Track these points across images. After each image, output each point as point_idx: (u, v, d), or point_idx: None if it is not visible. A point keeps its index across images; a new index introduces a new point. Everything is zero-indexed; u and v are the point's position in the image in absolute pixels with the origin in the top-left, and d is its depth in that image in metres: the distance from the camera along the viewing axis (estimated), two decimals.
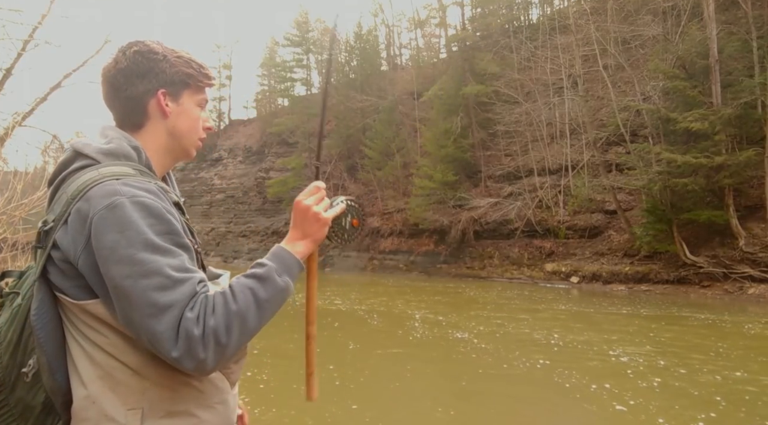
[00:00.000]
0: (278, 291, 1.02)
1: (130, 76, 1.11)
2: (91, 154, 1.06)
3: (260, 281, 1.01)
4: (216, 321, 0.92)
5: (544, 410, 5.82)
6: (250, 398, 5.78)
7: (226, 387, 1.10)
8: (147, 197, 0.97)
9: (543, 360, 7.76)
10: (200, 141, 1.23)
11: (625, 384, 6.51)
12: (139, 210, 0.95)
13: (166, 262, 0.93)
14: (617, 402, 5.84)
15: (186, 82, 1.16)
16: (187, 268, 0.96)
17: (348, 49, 36.30)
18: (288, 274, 1.06)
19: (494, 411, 5.77)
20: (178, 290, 0.92)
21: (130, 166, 1.06)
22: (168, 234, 0.97)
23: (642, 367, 7.35)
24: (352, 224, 1.26)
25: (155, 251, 0.93)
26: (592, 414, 5.60)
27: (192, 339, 0.90)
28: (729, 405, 5.70)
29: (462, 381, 7.02)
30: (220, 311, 0.93)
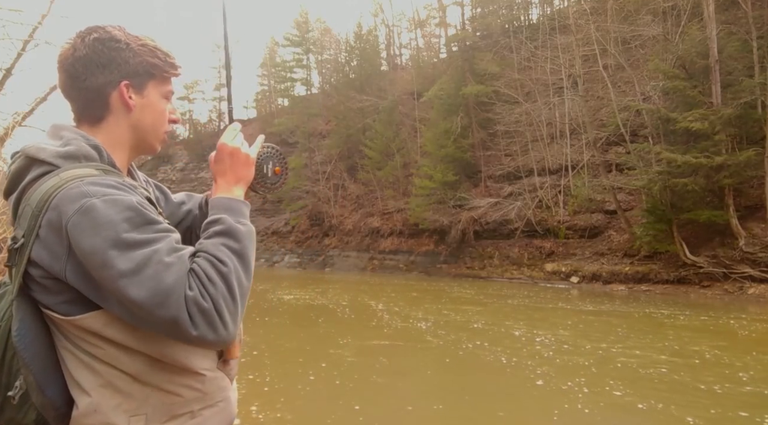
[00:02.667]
0: (244, 235, 1.01)
1: (89, 65, 1.03)
2: (48, 159, 0.99)
3: (228, 235, 0.99)
4: (218, 287, 0.91)
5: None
6: (259, 402, 5.76)
7: (228, 384, 1.09)
8: (116, 194, 0.93)
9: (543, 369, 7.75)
10: (165, 134, 1.16)
11: (643, 391, 6.52)
12: (112, 207, 0.91)
13: (152, 250, 0.90)
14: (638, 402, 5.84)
15: (151, 72, 1.08)
16: (174, 248, 0.94)
17: (348, 49, 36.33)
18: (242, 216, 1.04)
19: (491, 407, 5.77)
20: (173, 272, 0.89)
21: (93, 166, 1.00)
22: (147, 224, 0.93)
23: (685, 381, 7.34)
24: (275, 171, 1.18)
25: (139, 245, 0.90)
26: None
27: (205, 312, 0.89)
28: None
29: (462, 377, 7.09)
30: (215, 277, 0.92)
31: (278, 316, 12.54)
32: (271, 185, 1.19)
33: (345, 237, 29.57)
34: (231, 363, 1.11)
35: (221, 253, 0.96)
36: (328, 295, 16.44)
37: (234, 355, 1.11)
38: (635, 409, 5.45)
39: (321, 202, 31.85)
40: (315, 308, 13.86)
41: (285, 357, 8.29)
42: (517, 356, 7.96)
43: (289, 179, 1.22)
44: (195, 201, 1.34)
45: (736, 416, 5.24)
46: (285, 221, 33.71)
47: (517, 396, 6.23)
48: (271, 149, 1.19)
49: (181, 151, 46.69)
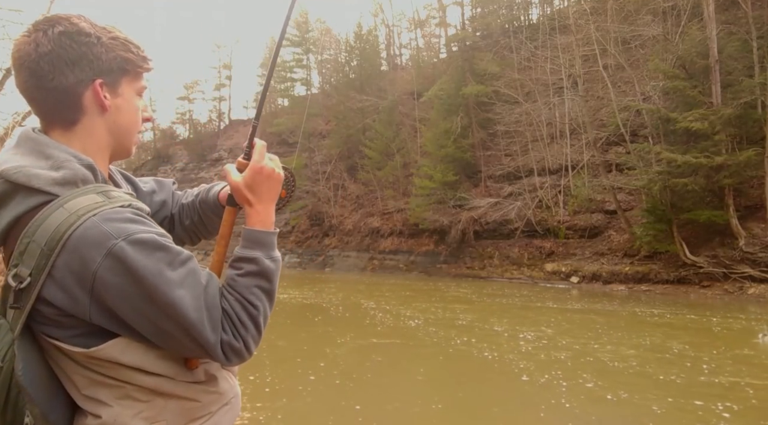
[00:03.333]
0: (274, 273, 1.03)
1: (57, 62, 0.93)
2: (44, 188, 0.90)
3: (259, 276, 1.00)
4: (249, 331, 0.96)
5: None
6: (261, 403, 5.76)
7: (234, 382, 1.12)
8: (140, 232, 0.89)
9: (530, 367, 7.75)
10: (139, 133, 1.08)
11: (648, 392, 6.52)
12: (141, 250, 0.87)
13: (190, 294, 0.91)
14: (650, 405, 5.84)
15: (125, 68, 0.99)
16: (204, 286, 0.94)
17: (348, 49, 36.33)
18: (272, 249, 1.04)
19: (489, 406, 5.78)
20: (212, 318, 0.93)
21: (93, 190, 0.92)
22: (175, 259, 0.91)
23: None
24: (280, 195, 1.14)
25: (178, 286, 0.90)
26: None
27: (236, 351, 0.95)
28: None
29: (454, 374, 7.22)
30: (247, 321, 0.96)
31: (274, 315, 12.50)
32: (279, 207, 1.17)
33: (345, 237, 29.57)
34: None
35: (253, 296, 0.98)
36: (322, 294, 16.55)
37: None
38: (605, 399, 5.87)
39: (321, 202, 31.85)
40: (310, 307, 13.97)
41: (283, 356, 8.29)
42: (500, 351, 8.31)
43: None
44: (168, 190, 1.30)
45: (691, 404, 5.64)
46: (285, 221, 33.72)
47: (507, 391, 6.45)
48: (287, 173, 1.15)
49: (181, 151, 46.74)
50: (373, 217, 29.08)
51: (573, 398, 5.91)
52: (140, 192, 1.22)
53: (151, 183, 1.29)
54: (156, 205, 1.25)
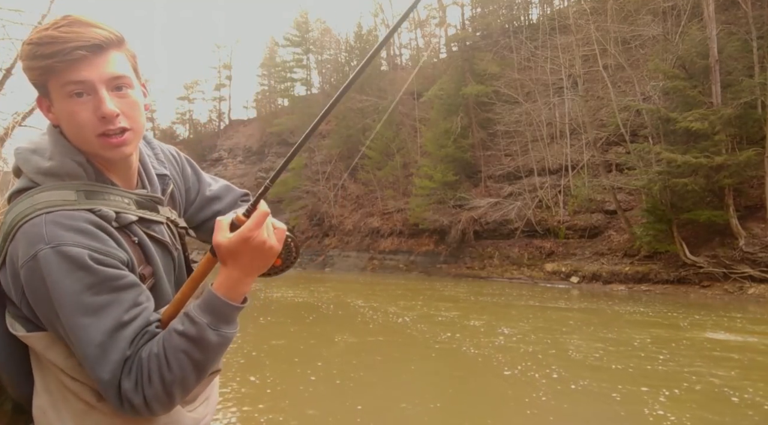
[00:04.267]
0: (214, 348, 0.90)
1: None
2: (29, 174, 0.93)
3: (194, 343, 0.88)
4: (154, 390, 0.87)
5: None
6: (264, 404, 5.77)
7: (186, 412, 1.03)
8: (72, 245, 0.86)
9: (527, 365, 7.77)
10: (106, 137, 0.93)
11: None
12: (64, 264, 0.85)
13: (100, 325, 0.86)
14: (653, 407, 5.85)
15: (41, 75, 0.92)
16: (123, 322, 0.88)
17: (348, 49, 36.34)
18: (225, 324, 0.91)
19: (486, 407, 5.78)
20: (110, 359, 0.86)
21: (74, 187, 0.93)
22: (101, 283, 0.87)
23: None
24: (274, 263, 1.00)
25: (85, 313, 0.86)
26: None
27: (135, 407, 0.88)
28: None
29: (445, 371, 7.47)
30: (156, 380, 0.87)
31: (270, 314, 12.60)
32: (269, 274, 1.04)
33: (345, 237, 29.58)
34: None
35: (176, 360, 0.88)
36: (316, 294, 16.60)
37: None
38: (569, 389, 6.34)
39: (321, 202, 31.86)
40: (303, 306, 14.10)
41: (282, 356, 8.30)
42: (481, 346, 8.72)
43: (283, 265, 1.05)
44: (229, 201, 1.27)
45: (638, 390, 6.23)
46: (285, 221, 33.55)
47: (494, 387, 6.71)
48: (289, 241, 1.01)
49: (181, 151, 46.69)
50: (373, 217, 29.09)
51: (547, 390, 6.27)
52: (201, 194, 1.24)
53: (219, 188, 1.28)
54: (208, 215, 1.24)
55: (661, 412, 5.42)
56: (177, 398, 0.91)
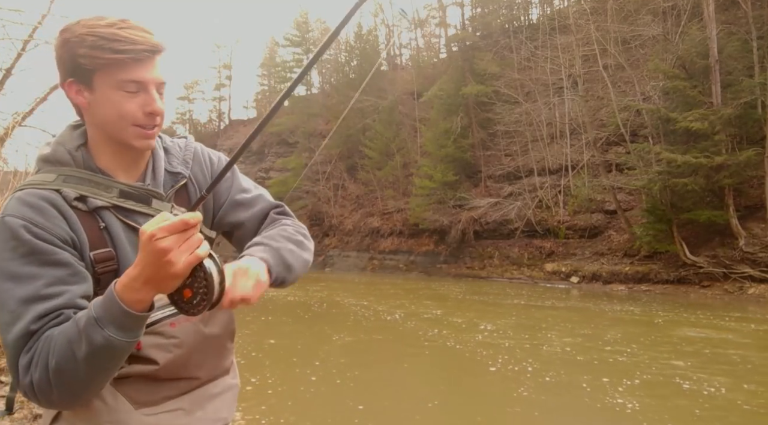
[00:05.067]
0: (96, 349, 0.83)
1: (57, 66, 1.02)
2: (36, 162, 1.06)
3: (79, 333, 0.84)
4: (39, 375, 0.85)
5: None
6: (266, 406, 5.76)
7: (122, 406, 0.99)
8: (13, 216, 0.92)
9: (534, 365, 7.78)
10: (142, 128, 1.02)
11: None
12: (2, 232, 0.92)
13: (17, 292, 0.88)
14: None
15: (93, 64, 0.97)
16: (40, 295, 0.88)
17: (348, 49, 36.33)
18: (114, 326, 0.83)
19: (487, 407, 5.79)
20: (16, 329, 0.87)
21: (58, 172, 1.01)
22: (29, 255, 0.90)
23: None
24: (183, 293, 0.86)
25: (7, 278, 0.89)
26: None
27: (23, 385, 0.87)
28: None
29: (437, 368, 7.68)
30: (42, 363, 0.85)
31: (268, 314, 12.67)
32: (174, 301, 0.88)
33: (345, 237, 29.58)
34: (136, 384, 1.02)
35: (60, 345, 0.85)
36: (313, 293, 16.70)
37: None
38: (544, 381, 6.71)
39: (321, 202, 31.86)
40: (299, 305, 14.23)
41: (280, 356, 8.30)
42: (465, 343, 9.04)
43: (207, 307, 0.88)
44: (256, 211, 1.26)
45: (599, 381, 6.63)
46: None
47: (481, 382, 6.95)
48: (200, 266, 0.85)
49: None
50: (373, 217, 29.10)
51: (529, 384, 6.58)
52: (230, 199, 1.23)
53: (251, 197, 1.27)
54: (230, 224, 1.24)
55: (620, 400, 5.85)
56: (58, 392, 0.85)
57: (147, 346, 1.01)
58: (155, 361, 1.02)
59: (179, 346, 1.06)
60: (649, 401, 5.81)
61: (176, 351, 1.05)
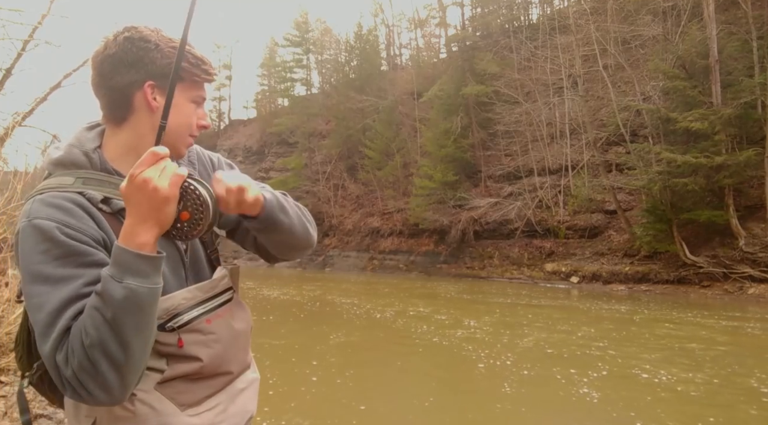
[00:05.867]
0: (121, 303, 0.86)
1: (117, 64, 1.01)
2: (45, 166, 1.05)
3: (101, 297, 0.86)
4: (78, 360, 0.85)
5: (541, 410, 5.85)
6: (269, 407, 5.76)
7: (168, 409, 1.01)
8: (45, 218, 0.91)
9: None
10: (191, 138, 1.11)
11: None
12: (32, 235, 0.91)
13: (55, 295, 0.89)
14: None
15: (179, 75, 1.01)
16: (78, 295, 0.89)
17: (348, 49, 36.33)
18: (131, 274, 0.87)
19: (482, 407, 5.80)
20: (55, 329, 0.87)
21: (75, 175, 1.00)
22: (66, 257, 0.91)
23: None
24: (180, 216, 0.93)
25: (44, 281, 0.89)
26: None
27: (68, 380, 0.86)
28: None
29: (428, 365, 7.87)
30: (77, 347, 0.86)
31: (265, 313, 12.72)
32: (175, 234, 0.95)
33: (345, 237, 29.57)
34: (179, 386, 1.03)
35: (89, 321, 0.86)
36: (303, 292, 16.90)
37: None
38: (521, 374, 7.12)
39: (321, 202, 31.86)
40: (294, 304, 14.42)
41: (280, 356, 8.30)
42: (450, 338, 9.43)
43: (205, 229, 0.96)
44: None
45: (568, 372, 7.08)
46: None
47: (470, 379, 7.20)
48: (191, 186, 0.94)
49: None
50: (373, 217, 29.09)
51: (513, 379, 6.89)
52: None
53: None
54: (234, 221, 1.24)
55: (585, 390, 6.29)
56: (104, 370, 0.85)
57: (189, 344, 1.03)
58: (199, 358, 1.04)
59: (217, 341, 1.08)
60: (609, 391, 6.26)
61: (216, 346, 1.07)
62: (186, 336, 1.02)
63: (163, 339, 0.99)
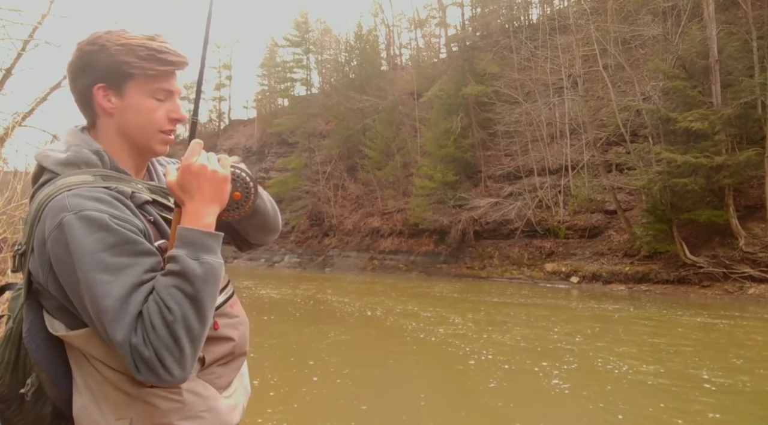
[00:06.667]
0: (202, 277, 0.92)
1: (74, 71, 1.06)
2: (50, 167, 1.03)
3: (179, 276, 0.91)
4: (159, 336, 0.88)
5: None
6: (271, 408, 5.75)
7: (212, 393, 1.05)
8: (93, 210, 0.92)
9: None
10: (166, 134, 1.10)
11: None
12: (86, 226, 0.91)
13: (120, 282, 0.90)
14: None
15: (127, 72, 1.04)
16: (142, 280, 0.92)
17: (348, 49, 36.33)
18: (204, 251, 0.95)
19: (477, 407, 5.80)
20: (125, 316, 0.89)
21: (91, 173, 1.01)
22: (122, 245, 0.92)
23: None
24: (233, 196, 1.04)
25: (105, 270, 0.90)
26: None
27: (146, 360, 0.88)
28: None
29: (422, 363, 8.05)
30: (159, 324, 0.88)
31: (264, 313, 12.76)
32: (230, 212, 1.06)
33: (345, 237, 29.57)
34: (216, 371, 1.08)
35: (170, 298, 0.90)
36: (297, 292, 16.92)
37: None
38: (502, 368, 7.46)
39: (321, 202, 31.86)
40: (288, 303, 14.52)
41: (278, 356, 8.31)
42: (437, 335, 9.73)
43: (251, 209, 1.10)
44: None
45: (538, 364, 7.44)
46: (285, 221, 33.71)
47: (460, 377, 7.35)
48: (235, 170, 1.05)
49: (181, 151, 45.77)
50: (373, 217, 29.09)
51: (498, 375, 7.14)
52: None
53: None
54: None
55: (556, 381, 6.67)
56: (185, 343, 0.89)
57: (222, 327, 1.10)
58: (232, 338, 1.12)
59: (242, 323, 1.17)
60: (578, 381, 6.68)
61: (241, 328, 1.16)
62: (219, 319, 1.09)
63: None
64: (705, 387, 6.32)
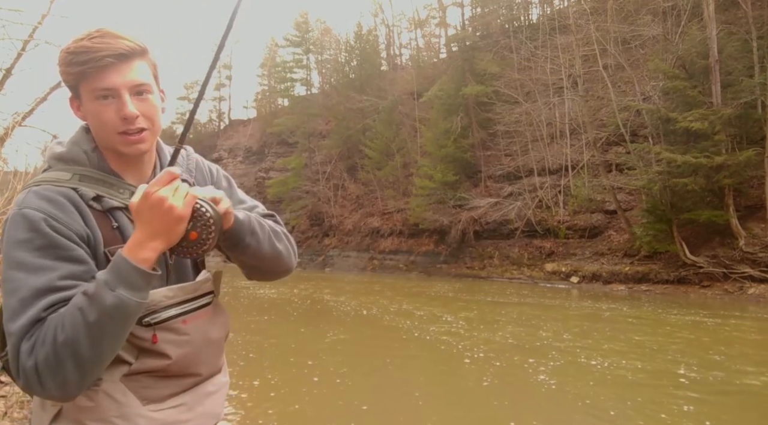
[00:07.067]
0: (108, 310, 0.87)
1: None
2: (47, 160, 1.09)
3: (89, 300, 0.87)
4: (45, 353, 0.85)
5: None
6: (273, 409, 5.74)
7: (131, 401, 1.01)
8: (35, 209, 0.94)
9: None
10: (126, 135, 1.03)
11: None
12: (20, 224, 0.94)
13: (30, 282, 0.90)
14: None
15: (69, 79, 1.04)
16: (54, 287, 0.90)
17: (348, 49, 36.32)
18: (124, 286, 0.89)
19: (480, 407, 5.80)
20: (24, 316, 0.88)
21: (72, 171, 1.04)
22: (47, 248, 0.92)
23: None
24: (189, 236, 0.96)
25: (21, 268, 0.90)
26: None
27: (26, 371, 0.86)
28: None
29: (417, 361, 8.11)
30: (48, 340, 0.86)
31: (263, 313, 12.77)
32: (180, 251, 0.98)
33: (345, 237, 29.57)
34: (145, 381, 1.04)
35: (69, 318, 0.87)
36: (295, 291, 16.93)
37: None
38: (494, 365, 7.59)
39: (321, 202, 31.86)
40: (286, 303, 14.54)
41: (278, 356, 8.31)
42: (432, 334, 9.86)
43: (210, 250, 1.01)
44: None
45: (526, 361, 7.69)
46: (285, 221, 33.61)
47: (456, 375, 7.43)
48: (201, 208, 0.96)
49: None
50: (373, 217, 29.09)
51: (490, 373, 7.24)
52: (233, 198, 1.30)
53: (246, 207, 1.27)
54: None
55: (543, 377, 6.86)
56: (68, 368, 0.86)
57: (162, 341, 1.05)
58: (168, 356, 1.05)
59: (189, 343, 1.09)
60: (563, 377, 6.86)
61: (186, 348, 1.09)
62: (161, 333, 1.04)
63: (139, 333, 1.00)
64: (680, 382, 6.61)
